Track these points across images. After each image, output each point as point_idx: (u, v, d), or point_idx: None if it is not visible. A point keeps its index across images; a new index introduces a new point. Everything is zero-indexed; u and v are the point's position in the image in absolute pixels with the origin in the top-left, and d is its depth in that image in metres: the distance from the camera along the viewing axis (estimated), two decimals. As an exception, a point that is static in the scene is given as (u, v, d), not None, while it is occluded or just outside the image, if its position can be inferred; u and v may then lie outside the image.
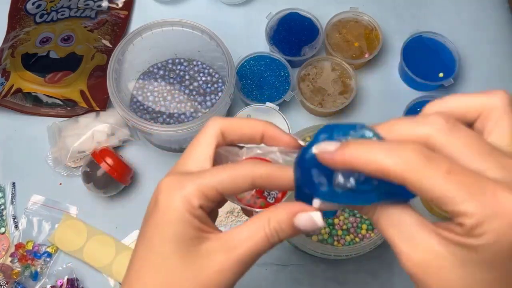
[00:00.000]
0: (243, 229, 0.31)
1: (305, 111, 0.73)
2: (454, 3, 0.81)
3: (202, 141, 0.33)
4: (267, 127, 0.33)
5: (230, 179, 0.30)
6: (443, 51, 0.74)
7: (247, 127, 0.33)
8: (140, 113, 0.69)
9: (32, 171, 0.68)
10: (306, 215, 0.30)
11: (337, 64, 0.72)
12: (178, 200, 0.30)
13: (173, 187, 0.30)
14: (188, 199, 0.30)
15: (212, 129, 0.33)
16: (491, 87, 0.82)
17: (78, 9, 0.76)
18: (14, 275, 0.61)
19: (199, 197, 0.30)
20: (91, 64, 0.70)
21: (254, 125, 0.33)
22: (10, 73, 0.68)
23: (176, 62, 0.72)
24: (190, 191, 0.30)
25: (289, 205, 0.31)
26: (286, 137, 0.33)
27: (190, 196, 0.30)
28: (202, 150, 0.33)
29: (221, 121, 0.33)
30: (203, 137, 0.33)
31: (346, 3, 0.77)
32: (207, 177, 0.30)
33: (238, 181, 0.30)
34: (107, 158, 0.63)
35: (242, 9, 0.80)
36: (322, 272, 0.64)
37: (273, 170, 0.31)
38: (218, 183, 0.30)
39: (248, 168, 0.30)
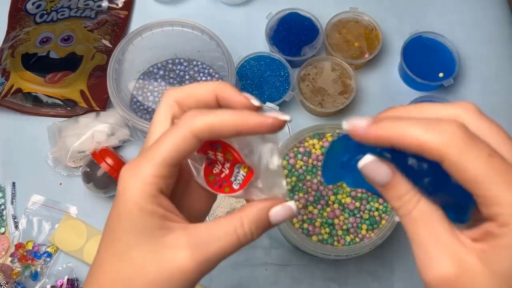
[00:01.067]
0: (214, 229, 0.29)
1: (305, 111, 0.73)
2: (454, 3, 0.81)
3: (157, 116, 0.32)
4: (219, 89, 0.31)
5: (173, 146, 0.29)
6: (443, 51, 0.74)
7: (199, 92, 0.31)
8: (140, 113, 0.69)
9: (32, 171, 0.68)
10: (281, 207, 0.30)
11: (337, 64, 0.72)
12: (136, 190, 0.29)
13: (129, 176, 0.29)
14: (145, 188, 0.28)
15: (166, 102, 0.32)
16: (491, 87, 0.83)
17: (78, 9, 0.76)
18: (14, 275, 0.61)
19: (155, 183, 0.29)
20: (91, 64, 0.70)
21: (206, 89, 0.31)
22: (10, 73, 0.68)
23: (176, 62, 0.72)
24: (144, 178, 0.29)
25: (260, 203, 0.30)
26: (238, 97, 0.31)
27: (146, 183, 0.28)
28: (159, 124, 0.31)
29: (174, 92, 0.32)
30: (157, 112, 0.32)
31: (346, 3, 0.77)
32: (153, 156, 0.29)
33: (181, 145, 0.29)
34: (107, 158, 0.63)
35: (242, 9, 0.80)
36: (322, 272, 0.64)
37: (211, 120, 0.29)
38: (165, 158, 0.29)
39: (185, 126, 0.29)
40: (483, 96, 0.75)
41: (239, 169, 0.32)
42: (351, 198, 0.60)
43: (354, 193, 0.60)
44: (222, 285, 0.63)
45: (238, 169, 0.32)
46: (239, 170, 0.32)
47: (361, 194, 0.60)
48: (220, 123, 0.28)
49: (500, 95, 0.75)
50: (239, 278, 0.64)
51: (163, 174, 0.29)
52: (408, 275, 0.64)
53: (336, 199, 0.60)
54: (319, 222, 0.59)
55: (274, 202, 0.30)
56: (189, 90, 0.32)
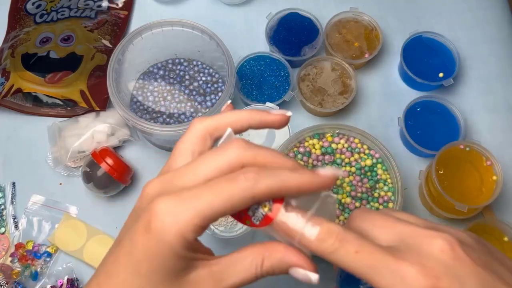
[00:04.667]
0: (235, 264, 0.30)
1: (305, 111, 0.73)
2: (454, 3, 0.81)
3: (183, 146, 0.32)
4: (251, 116, 0.33)
5: (228, 203, 0.28)
6: (443, 51, 0.74)
7: (232, 122, 0.32)
8: (140, 113, 0.69)
9: (32, 171, 0.68)
10: (303, 272, 0.31)
11: (337, 64, 0.72)
12: (174, 235, 0.28)
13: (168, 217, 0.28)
14: (184, 235, 0.28)
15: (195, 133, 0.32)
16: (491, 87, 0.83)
17: (78, 9, 0.76)
18: (14, 275, 0.61)
19: (195, 231, 0.28)
20: (91, 64, 0.70)
21: (239, 118, 0.33)
22: (10, 73, 0.68)
23: (176, 62, 0.72)
24: (186, 225, 0.28)
25: (288, 253, 0.30)
26: (271, 117, 0.33)
27: (187, 231, 0.28)
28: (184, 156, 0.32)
29: (204, 122, 0.32)
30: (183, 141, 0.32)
31: (346, 3, 0.77)
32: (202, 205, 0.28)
33: (237, 204, 0.28)
34: (107, 158, 0.63)
35: (242, 9, 0.80)
36: (322, 272, 0.64)
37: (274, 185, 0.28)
38: (215, 211, 0.28)
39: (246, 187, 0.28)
40: (483, 96, 0.75)
41: (259, 206, 0.30)
42: (351, 198, 0.60)
43: (354, 193, 0.60)
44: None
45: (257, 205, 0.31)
46: (258, 206, 0.30)
47: (361, 194, 0.60)
48: (284, 188, 0.29)
49: (500, 95, 0.75)
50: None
51: (205, 224, 0.28)
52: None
53: (336, 199, 0.60)
54: (319, 222, 0.59)
55: (300, 263, 0.30)
56: (221, 119, 0.32)
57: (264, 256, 0.30)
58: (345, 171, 0.61)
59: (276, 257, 0.30)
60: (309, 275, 0.30)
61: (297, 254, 0.30)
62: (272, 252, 0.30)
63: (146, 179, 0.68)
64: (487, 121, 0.73)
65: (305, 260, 0.30)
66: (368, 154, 0.62)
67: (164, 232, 0.28)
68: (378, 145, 0.61)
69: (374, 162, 0.61)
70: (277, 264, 0.30)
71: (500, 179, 0.63)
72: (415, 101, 0.70)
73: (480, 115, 0.74)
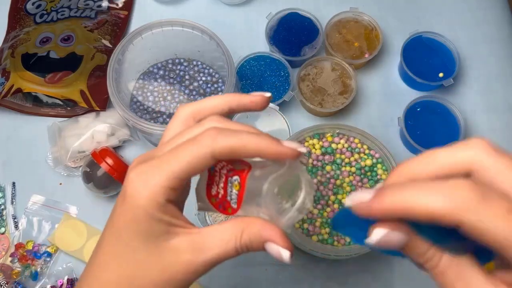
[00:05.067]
0: (215, 234, 0.31)
1: (305, 111, 0.73)
2: (454, 3, 0.81)
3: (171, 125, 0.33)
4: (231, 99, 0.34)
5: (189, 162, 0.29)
6: (443, 51, 0.74)
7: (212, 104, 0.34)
8: (140, 113, 0.69)
9: (32, 171, 0.68)
10: (276, 247, 0.30)
11: (337, 64, 0.72)
12: (145, 197, 0.29)
13: (139, 181, 0.30)
14: (154, 197, 0.29)
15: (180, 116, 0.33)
16: (491, 87, 0.82)
17: (78, 9, 0.76)
18: (14, 275, 0.61)
19: (164, 193, 0.29)
20: (91, 64, 0.70)
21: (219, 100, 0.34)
22: (10, 73, 0.68)
23: (176, 62, 0.72)
24: (155, 186, 0.29)
25: (265, 227, 0.31)
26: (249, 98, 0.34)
27: (156, 193, 0.29)
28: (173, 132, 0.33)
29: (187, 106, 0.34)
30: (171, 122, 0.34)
31: (346, 3, 0.77)
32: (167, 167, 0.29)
33: (197, 162, 0.29)
34: (107, 158, 0.63)
35: (242, 9, 0.80)
36: (322, 272, 0.64)
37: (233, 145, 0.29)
38: (178, 171, 0.29)
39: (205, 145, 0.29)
40: (483, 96, 0.75)
41: (232, 188, 0.32)
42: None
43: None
44: (222, 285, 0.63)
45: (231, 188, 0.32)
46: (231, 189, 0.32)
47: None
48: (242, 147, 0.29)
49: (500, 95, 0.75)
50: (239, 278, 0.64)
51: (173, 185, 0.30)
52: (408, 274, 0.64)
53: (336, 199, 0.60)
54: (319, 222, 0.59)
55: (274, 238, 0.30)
56: (203, 103, 0.34)
57: (243, 229, 0.31)
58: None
59: (253, 230, 0.31)
60: (281, 252, 0.30)
61: (274, 229, 0.31)
62: (250, 225, 0.31)
63: (146, 179, 0.68)
64: (487, 121, 0.73)
65: (280, 236, 0.30)
66: (368, 154, 0.62)
67: (137, 197, 0.29)
68: (378, 145, 0.61)
69: (374, 162, 0.61)
70: (254, 237, 0.31)
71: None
72: (415, 101, 0.70)
73: (480, 115, 0.74)
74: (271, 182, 0.31)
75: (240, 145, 0.29)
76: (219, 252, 0.30)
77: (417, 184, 0.24)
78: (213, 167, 0.34)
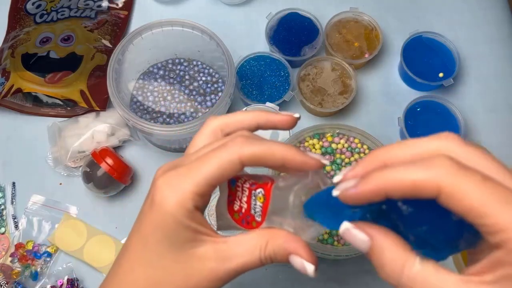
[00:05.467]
0: (240, 244, 0.31)
1: (305, 111, 0.73)
2: (454, 3, 0.81)
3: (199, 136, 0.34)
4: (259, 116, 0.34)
5: (218, 168, 0.30)
6: (443, 51, 0.74)
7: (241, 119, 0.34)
8: (140, 113, 0.69)
9: (32, 171, 0.68)
10: (300, 260, 0.31)
11: (337, 64, 0.72)
12: (173, 204, 0.30)
13: (167, 188, 0.30)
14: (183, 203, 0.30)
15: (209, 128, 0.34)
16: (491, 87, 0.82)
17: (78, 9, 0.76)
18: (14, 275, 0.61)
19: (193, 199, 0.30)
20: (91, 64, 0.70)
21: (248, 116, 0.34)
22: (10, 73, 0.68)
23: (176, 62, 0.72)
24: (184, 193, 0.30)
25: (290, 239, 0.31)
26: (278, 117, 0.34)
27: (185, 199, 0.30)
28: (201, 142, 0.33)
29: (216, 120, 0.34)
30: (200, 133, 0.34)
31: (346, 3, 0.77)
32: (196, 174, 0.30)
33: (226, 168, 0.30)
34: (107, 158, 0.63)
35: (242, 9, 0.80)
36: (322, 272, 0.64)
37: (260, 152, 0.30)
38: (208, 177, 0.30)
39: (233, 151, 0.30)
40: (483, 96, 0.75)
41: (256, 201, 0.33)
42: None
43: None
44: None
45: (255, 201, 0.33)
46: (255, 202, 0.33)
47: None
48: (270, 154, 0.30)
49: (500, 95, 0.75)
50: (239, 278, 0.64)
51: (202, 192, 0.30)
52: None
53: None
54: (319, 222, 0.59)
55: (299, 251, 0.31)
56: (232, 117, 0.34)
57: (268, 240, 0.31)
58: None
59: (278, 242, 0.31)
60: (305, 265, 0.31)
61: (298, 241, 0.31)
62: (275, 236, 0.31)
63: (146, 179, 0.69)
64: (487, 121, 0.73)
65: (304, 249, 0.31)
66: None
67: (164, 203, 0.30)
68: (378, 145, 0.61)
69: (374, 162, 0.61)
70: (278, 249, 0.31)
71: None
72: (415, 101, 0.70)
73: (480, 115, 0.74)
74: (297, 192, 0.31)
75: (268, 153, 0.30)
76: (244, 261, 0.31)
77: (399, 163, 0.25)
78: (234, 182, 0.34)
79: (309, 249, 0.31)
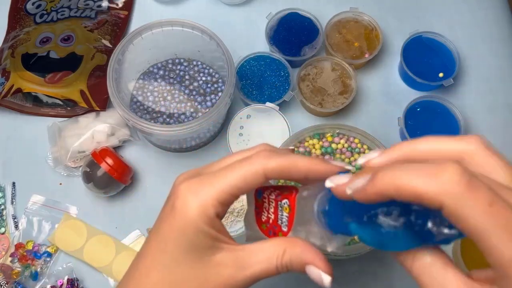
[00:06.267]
0: (259, 252, 0.31)
1: (305, 111, 0.73)
2: (454, 3, 0.81)
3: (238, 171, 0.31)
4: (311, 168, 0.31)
5: (242, 178, 0.30)
6: (443, 51, 0.74)
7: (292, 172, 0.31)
8: (140, 113, 0.69)
9: (32, 171, 0.68)
10: (317, 271, 0.31)
11: (337, 64, 0.72)
12: (195, 210, 0.30)
13: (190, 193, 0.30)
14: (205, 210, 0.30)
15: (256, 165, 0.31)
16: (491, 87, 0.82)
17: (78, 9, 0.76)
18: (14, 275, 0.61)
19: (215, 206, 0.30)
20: (91, 64, 0.70)
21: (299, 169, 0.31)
22: (10, 73, 0.67)
23: (176, 62, 0.72)
24: (206, 200, 0.30)
25: (307, 249, 0.31)
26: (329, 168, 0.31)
27: (207, 205, 0.30)
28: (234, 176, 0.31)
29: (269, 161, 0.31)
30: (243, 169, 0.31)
31: (346, 3, 0.77)
32: (220, 182, 0.30)
33: (250, 179, 0.30)
34: (107, 158, 0.63)
35: (242, 9, 0.80)
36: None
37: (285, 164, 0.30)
38: (232, 186, 0.30)
39: (258, 163, 0.30)
40: (483, 96, 0.75)
41: (282, 212, 0.33)
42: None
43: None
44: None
45: (281, 212, 0.33)
46: (282, 212, 0.33)
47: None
48: (293, 166, 0.30)
49: (500, 95, 0.75)
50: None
51: (224, 200, 0.30)
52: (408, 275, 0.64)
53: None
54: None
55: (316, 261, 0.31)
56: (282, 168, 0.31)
57: (285, 248, 0.31)
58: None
59: (295, 251, 0.31)
60: (322, 276, 0.31)
61: (315, 252, 0.31)
62: (293, 246, 0.31)
63: (146, 179, 0.69)
64: (487, 121, 0.73)
65: (321, 260, 0.31)
66: (368, 154, 0.62)
67: (186, 208, 0.30)
68: (378, 145, 0.61)
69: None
70: (295, 259, 0.31)
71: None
72: (415, 101, 0.70)
73: (480, 115, 0.74)
74: (320, 201, 0.31)
75: (291, 164, 0.30)
76: (260, 269, 0.31)
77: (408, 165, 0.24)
78: (260, 193, 0.35)
79: (326, 260, 0.31)
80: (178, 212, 0.30)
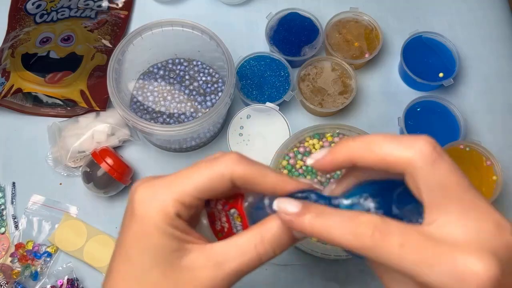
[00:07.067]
0: (232, 246, 0.29)
1: (305, 111, 0.73)
2: (454, 3, 0.81)
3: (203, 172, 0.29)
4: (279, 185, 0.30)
5: (207, 180, 0.29)
6: (443, 51, 0.74)
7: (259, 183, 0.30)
8: (140, 113, 0.69)
9: (32, 171, 0.68)
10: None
11: (337, 64, 0.72)
12: (154, 210, 0.28)
13: (148, 196, 0.29)
14: (164, 209, 0.28)
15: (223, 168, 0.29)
16: (491, 87, 0.82)
17: (78, 9, 0.76)
18: (14, 275, 0.61)
19: (175, 206, 0.28)
20: (91, 64, 0.70)
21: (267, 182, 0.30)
22: (10, 73, 0.68)
23: (176, 62, 0.72)
24: (165, 200, 0.28)
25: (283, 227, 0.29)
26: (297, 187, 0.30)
27: (166, 205, 0.28)
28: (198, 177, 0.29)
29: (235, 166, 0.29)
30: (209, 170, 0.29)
31: (346, 3, 0.77)
32: (182, 183, 0.29)
33: (216, 181, 0.29)
34: (107, 158, 0.63)
35: (242, 9, 0.80)
36: (322, 272, 0.64)
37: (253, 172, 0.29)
38: (195, 187, 0.28)
39: (225, 166, 0.29)
40: (483, 96, 0.75)
41: (234, 221, 0.32)
42: (351, 198, 0.60)
43: (354, 193, 0.60)
44: (222, 285, 0.63)
45: (233, 221, 0.32)
46: (234, 221, 0.32)
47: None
48: (261, 177, 0.29)
49: (500, 95, 0.75)
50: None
51: (187, 202, 0.29)
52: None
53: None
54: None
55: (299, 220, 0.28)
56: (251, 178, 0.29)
57: (262, 233, 0.29)
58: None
59: (273, 227, 0.29)
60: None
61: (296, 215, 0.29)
62: (268, 225, 0.29)
63: (146, 179, 0.68)
64: (487, 121, 0.73)
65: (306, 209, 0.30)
66: (368, 154, 0.62)
67: (145, 211, 0.28)
68: (378, 145, 0.61)
69: (374, 162, 0.61)
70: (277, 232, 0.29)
71: (500, 179, 0.63)
72: (415, 101, 0.70)
73: (480, 115, 0.74)
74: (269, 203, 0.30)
75: (260, 175, 0.29)
76: (239, 262, 0.28)
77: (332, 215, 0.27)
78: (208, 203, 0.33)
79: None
80: (137, 216, 0.28)
